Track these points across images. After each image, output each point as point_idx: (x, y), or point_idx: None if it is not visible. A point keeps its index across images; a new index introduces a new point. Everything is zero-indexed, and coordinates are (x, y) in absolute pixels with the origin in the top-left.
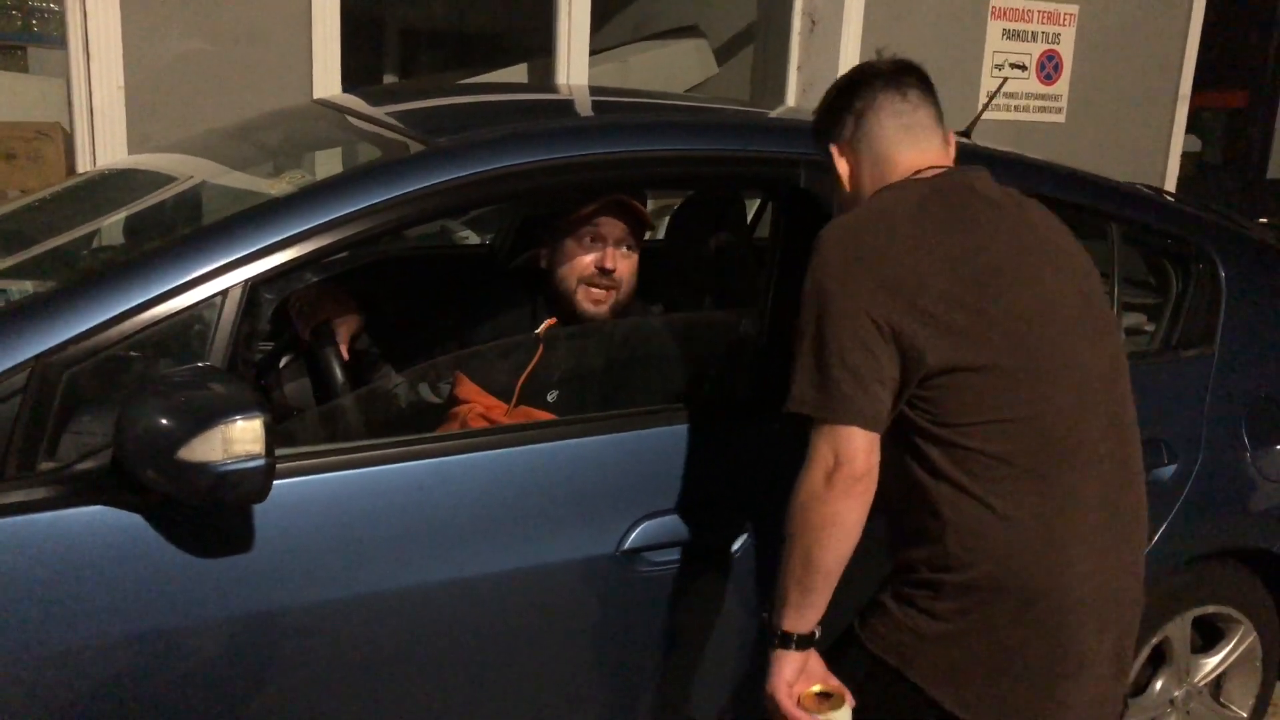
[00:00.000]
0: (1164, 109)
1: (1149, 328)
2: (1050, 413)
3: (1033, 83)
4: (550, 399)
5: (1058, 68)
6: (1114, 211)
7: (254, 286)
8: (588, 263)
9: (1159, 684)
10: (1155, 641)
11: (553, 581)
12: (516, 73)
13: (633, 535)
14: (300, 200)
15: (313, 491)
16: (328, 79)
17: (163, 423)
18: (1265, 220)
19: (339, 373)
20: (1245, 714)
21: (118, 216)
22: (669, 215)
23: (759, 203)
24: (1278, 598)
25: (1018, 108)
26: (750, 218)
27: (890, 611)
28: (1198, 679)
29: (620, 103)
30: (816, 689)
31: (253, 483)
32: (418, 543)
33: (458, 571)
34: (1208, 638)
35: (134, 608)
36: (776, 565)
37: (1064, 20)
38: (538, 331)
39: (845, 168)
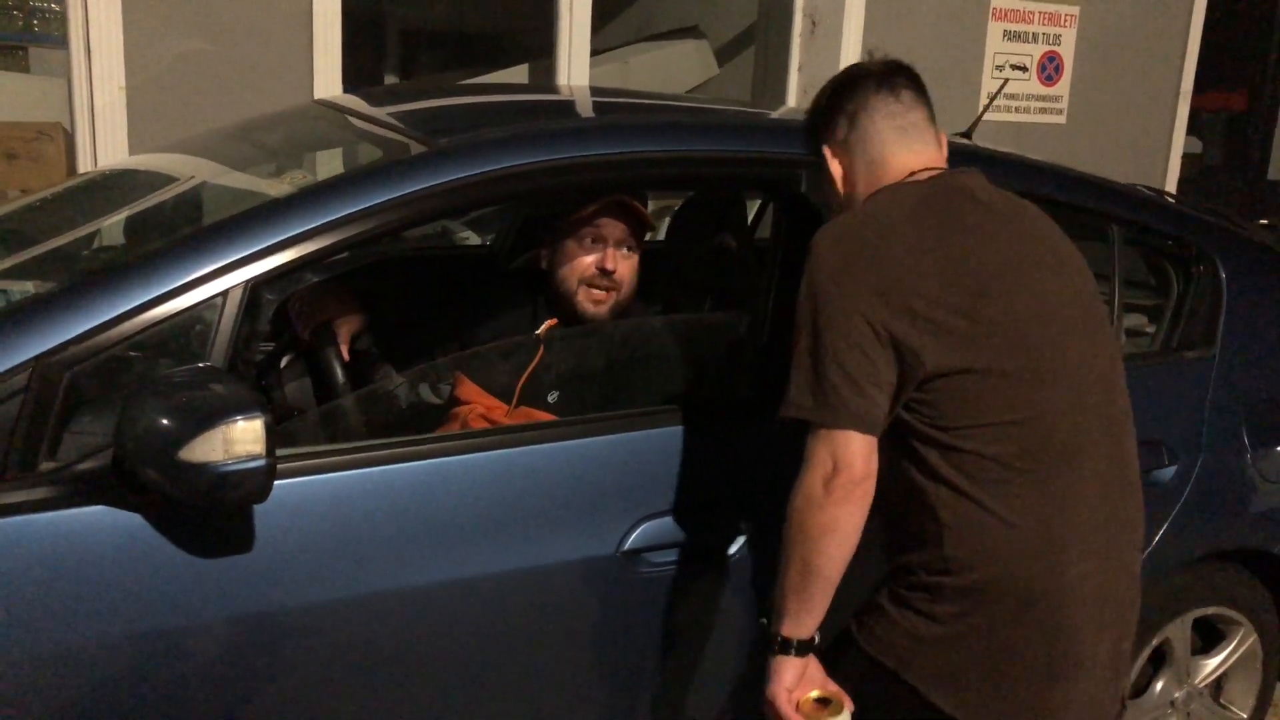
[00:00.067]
0: (1164, 110)
1: (1150, 329)
2: (1049, 415)
3: (1033, 84)
4: (551, 400)
5: (1058, 69)
6: (1115, 213)
7: (255, 287)
8: (588, 263)
9: (1159, 685)
10: (1156, 643)
11: (553, 582)
12: (517, 73)
13: (633, 536)
14: (301, 201)
15: (313, 492)
16: (329, 79)
17: (163, 423)
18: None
19: (339, 373)
20: (1246, 715)
21: (119, 217)
22: (669, 216)
23: (760, 204)
24: (1278, 599)
25: (1019, 109)
26: (751, 219)
27: (888, 613)
28: (1198, 680)
29: (621, 103)
30: (815, 694)
31: (253, 483)
32: (418, 543)
33: (458, 572)
34: (1208, 639)
35: (135, 608)
36: (775, 569)
37: (1065, 21)
38: (538, 332)
39: (839, 169)
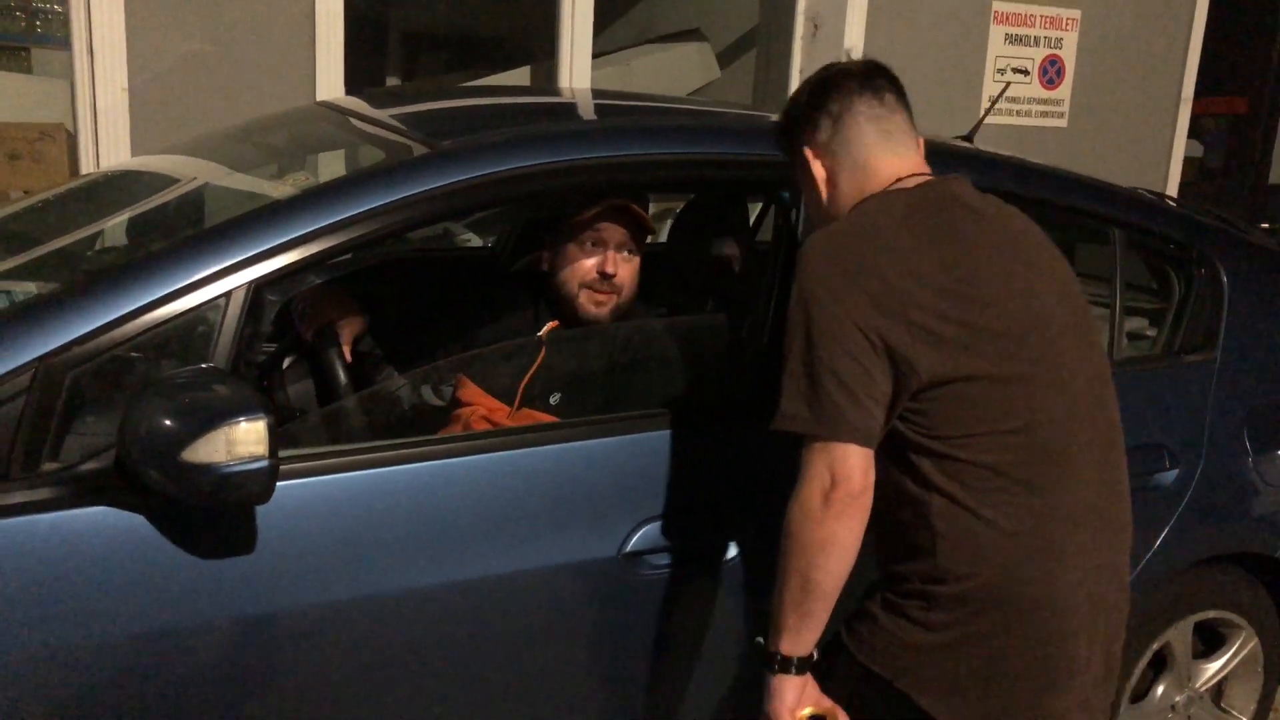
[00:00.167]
0: (1166, 114)
1: (1151, 332)
2: (1044, 423)
3: (1035, 87)
4: (553, 401)
5: (1060, 72)
6: (1116, 216)
7: (258, 288)
8: (589, 267)
9: (1160, 689)
10: (1156, 647)
11: (555, 584)
12: (519, 75)
13: (635, 538)
14: (303, 202)
15: (315, 493)
16: (331, 81)
17: (166, 424)
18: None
19: (342, 375)
20: (1246, 719)
21: (121, 218)
22: (671, 219)
23: (761, 206)
24: (1279, 603)
25: (1020, 112)
26: (752, 221)
27: (879, 621)
28: (1199, 684)
29: (623, 106)
30: (808, 712)
31: (256, 484)
32: (420, 544)
33: (460, 573)
34: (1209, 643)
35: (137, 608)
36: (773, 583)
37: (1066, 25)
38: (540, 334)
39: (822, 172)
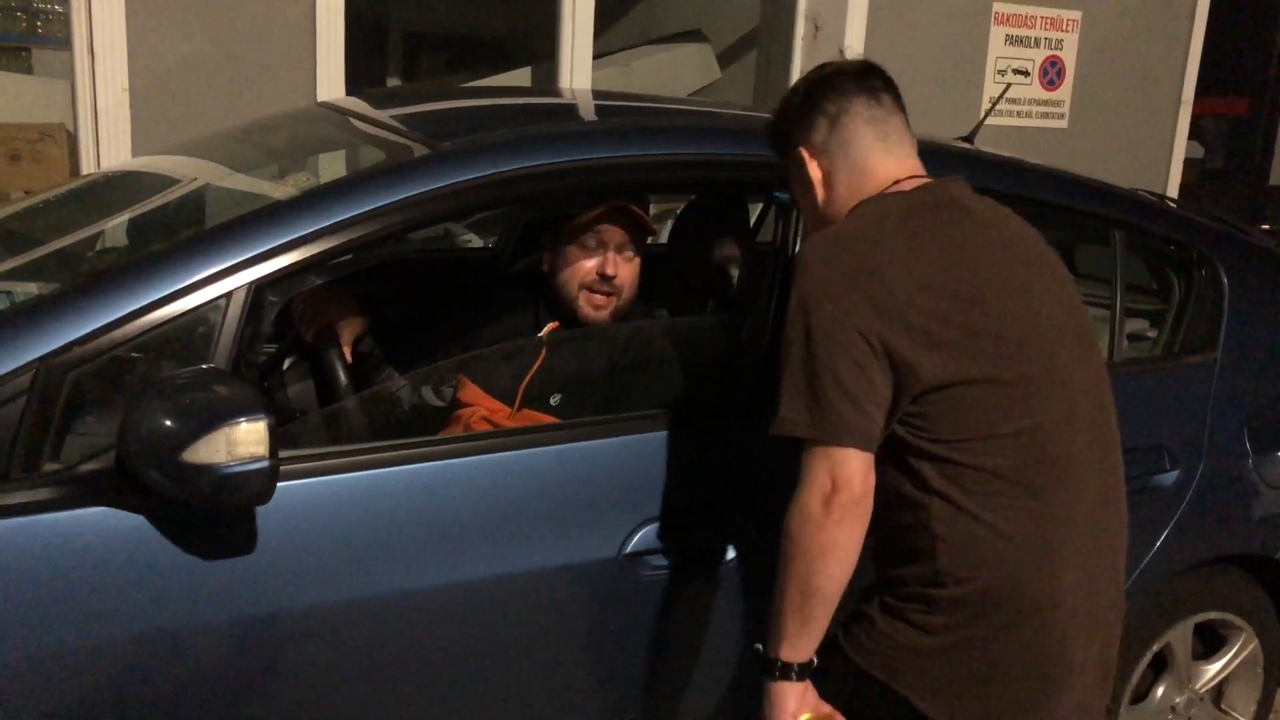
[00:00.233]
0: (1166, 115)
1: (1151, 333)
2: (1044, 426)
3: (1035, 88)
4: (553, 402)
5: (1060, 73)
6: (1117, 217)
7: (258, 289)
8: (589, 268)
9: (1160, 691)
10: (1157, 648)
11: (555, 585)
12: (520, 76)
13: (635, 539)
14: (304, 203)
15: (316, 494)
16: (332, 82)
17: (167, 424)
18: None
19: (342, 375)
20: None
21: (122, 218)
22: (671, 219)
23: (761, 207)
24: (1279, 604)
25: (1020, 113)
26: (752, 222)
27: (877, 624)
28: (1199, 686)
29: (623, 107)
30: (807, 718)
31: (256, 485)
32: (421, 545)
33: (460, 574)
34: (1209, 644)
35: (137, 609)
36: (773, 582)
37: (1067, 26)
38: (540, 335)
39: (818, 173)
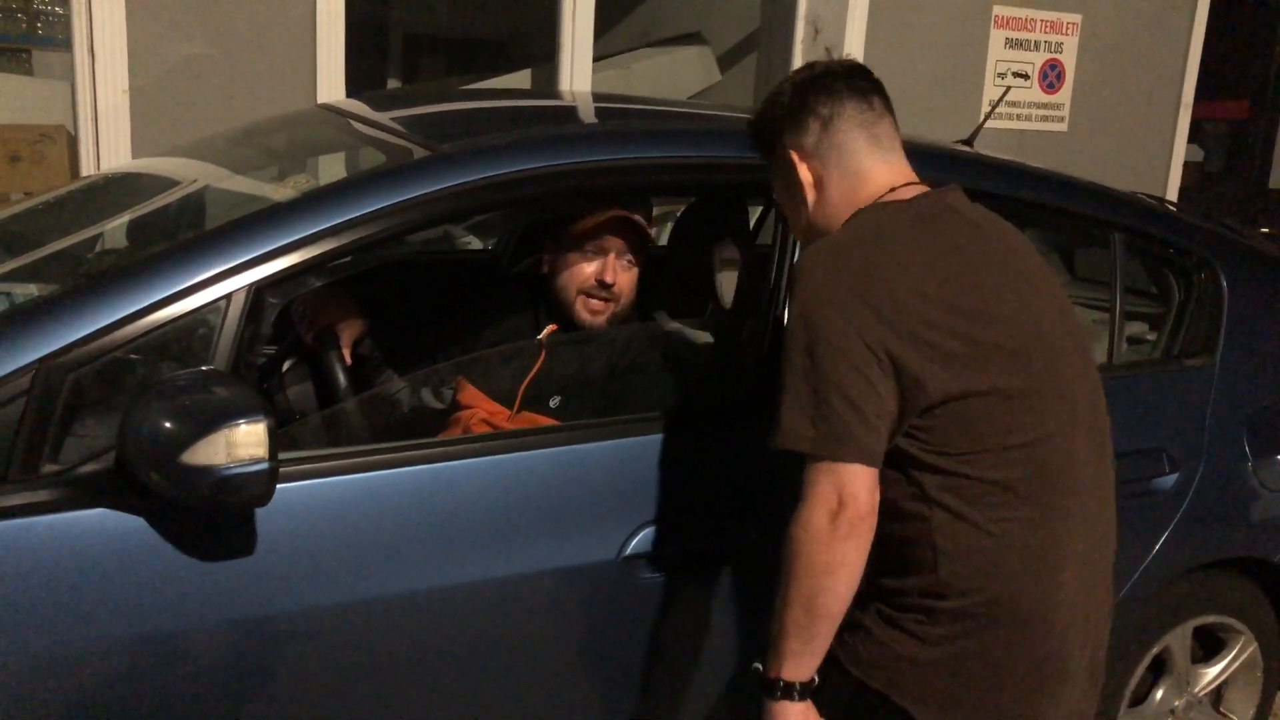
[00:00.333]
0: (1166, 118)
1: (1151, 337)
2: (1049, 437)
3: (1035, 92)
4: (553, 405)
5: (1060, 77)
6: (1116, 220)
7: (258, 291)
8: (588, 273)
9: (1159, 694)
10: (1156, 651)
11: (553, 587)
12: (520, 78)
13: (634, 542)
14: (304, 205)
15: (315, 496)
16: (332, 84)
17: (166, 426)
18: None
19: (342, 377)
20: None
21: (122, 220)
22: (671, 222)
23: (761, 209)
24: (1278, 608)
25: (1020, 116)
26: (752, 224)
27: (874, 635)
28: (1198, 689)
29: (623, 109)
30: None
31: (256, 486)
32: (420, 547)
33: (459, 576)
34: (1208, 647)
35: (136, 610)
36: (772, 589)
37: (1067, 30)
38: (540, 337)
39: (809, 176)
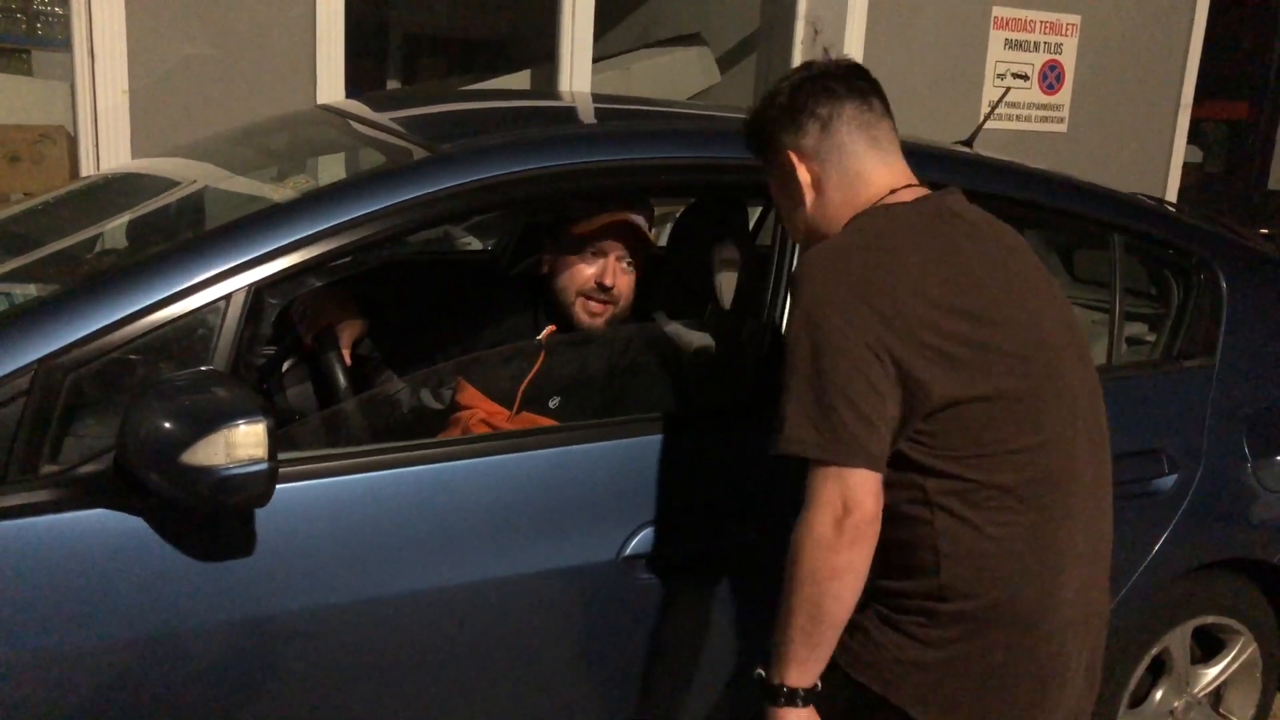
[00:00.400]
0: (1165, 119)
1: (1150, 338)
2: (1052, 440)
3: (1035, 92)
4: (552, 405)
5: (1060, 78)
6: (1116, 221)
7: (257, 291)
8: (588, 275)
9: (1159, 694)
10: (1155, 652)
11: (553, 588)
12: (520, 79)
13: (633, 542)
14: (304, 205)
15: (315, 496)
16: (332, 84)
17: (166, 426)
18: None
19: (341, 378)
20: None
21: (121, 220)
22: (671, 222)
23: (761, 209)
24: (1278, 608)
25: (1020, 117)
26: (751, 225)
27: (872, 636)
28: (1197, 689)
29: (623, 109)
30: None
31: (255, 487)
32: (419, 548)
33: (459, 577)
34: (1207, 648)
35: (136, 611)
36: (771, 591)
37: (1066, 31)
38: (540, 338)
39: (807, 177)
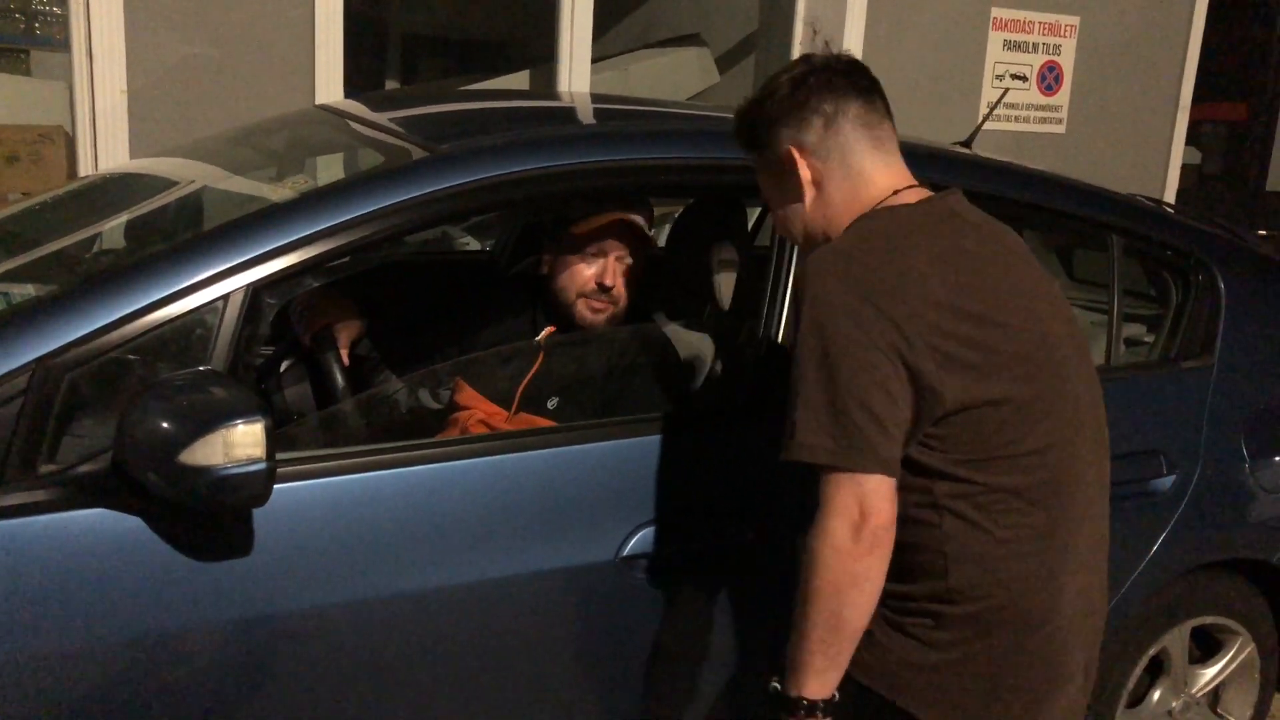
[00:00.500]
0: (1164, 121)
1: (1148, 339)
2: (1057, 444)
3: (1033, 93)
4: (550, 406)
5: (1058, 79)
6: (1114, 223)
7: (256, 291)
8: (588, 276)
9: (1157, 694)
10: (1153, 652)
11: (551, 588)
12: (519, 79)
13: (632, 542)
14: (302, 205)
15: (313, 496)
16: (330, 84)
17: (164, 426)
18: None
19: (340, 378)
20: None
21: (120, 220)
22: (670, 223)
23: (760, 210)
24: (1276, 609)
25: (1018, 118)
26: (751, 225)
27: (876, 639)
28: (1195, 690)
29: (622, 110)
30: None
31: (253, 487)
32: (418, 548)
33: (457, 577)
34: (1206, 648)
35: (134, 611)
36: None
37: (1065, 32)
38: (538, 338)
39: (808, 174)
